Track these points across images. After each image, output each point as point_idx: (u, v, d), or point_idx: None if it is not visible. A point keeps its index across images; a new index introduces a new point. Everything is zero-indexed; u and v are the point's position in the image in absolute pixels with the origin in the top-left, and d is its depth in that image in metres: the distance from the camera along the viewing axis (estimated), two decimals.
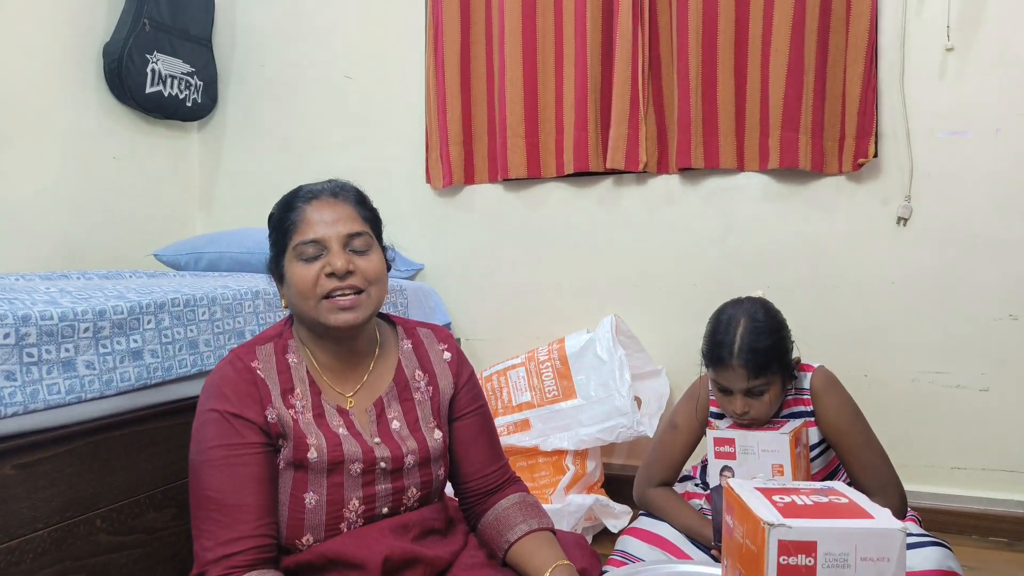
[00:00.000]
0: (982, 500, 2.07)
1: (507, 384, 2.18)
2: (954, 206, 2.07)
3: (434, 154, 2.55)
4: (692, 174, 2.32)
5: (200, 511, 1.06)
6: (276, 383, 1.12)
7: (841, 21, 2.11)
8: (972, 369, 2.07)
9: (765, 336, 1.43)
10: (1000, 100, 2.01)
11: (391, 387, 1.21)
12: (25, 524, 1.15)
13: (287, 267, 1.13)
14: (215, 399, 1.09)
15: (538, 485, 2.02)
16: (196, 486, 1.08)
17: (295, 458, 1.10)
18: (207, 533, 1.04)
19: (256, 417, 1.08)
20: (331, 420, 1.14)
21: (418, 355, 1.25)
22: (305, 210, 1.13)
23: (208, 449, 1.07)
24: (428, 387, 1.23)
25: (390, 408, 1.19)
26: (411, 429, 1.19)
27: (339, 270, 1.09)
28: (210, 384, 1.12)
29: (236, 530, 1.03)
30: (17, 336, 1.15)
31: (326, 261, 1.10)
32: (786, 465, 1.37)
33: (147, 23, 2.55)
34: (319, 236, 1.10)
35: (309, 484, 1.10)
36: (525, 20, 2.37)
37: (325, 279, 1.09)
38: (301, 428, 1.11)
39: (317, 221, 1.11)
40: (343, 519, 1.12)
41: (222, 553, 1.02)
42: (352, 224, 1.13)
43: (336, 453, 1.11)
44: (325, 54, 2.77)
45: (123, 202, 2.65)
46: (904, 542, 0.81)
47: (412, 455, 1.16)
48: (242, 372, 1.11)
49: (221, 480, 1.05)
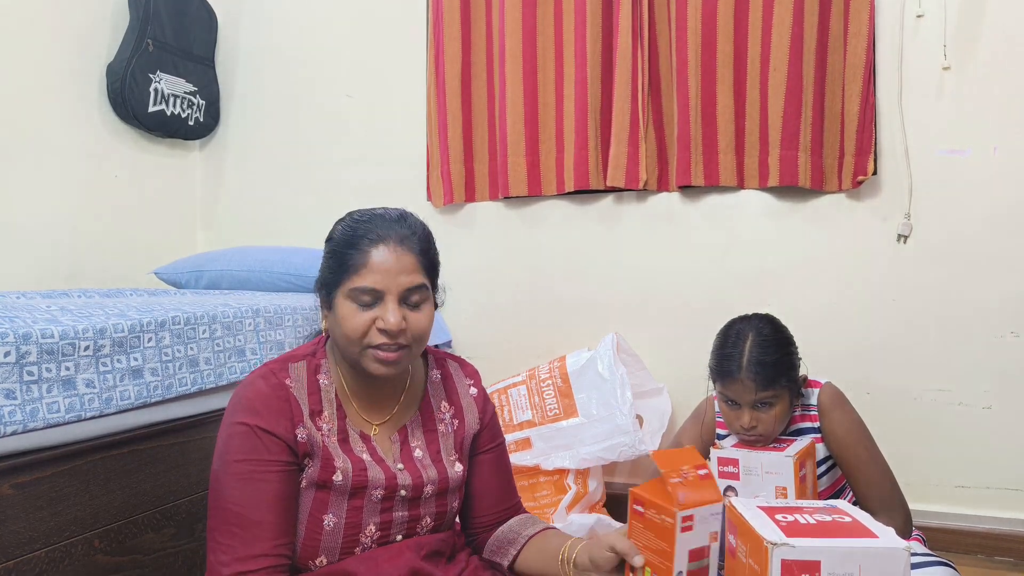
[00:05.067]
0: (987, 519, 2.05)
1: (508, 402, 2.17)
2: (954, 223, 2.07)
3: (435, 172, 2.56)
4: (692, 192, 2.32)
5: (219, 523, 1.05)
6: (306, 403, 1.11)
7: (839, 40, 2.13)
8: (974, 387, 2.06)
9: (773, 350, 1.43)
10: (998, 118, 2.02)
11: (416, 416, 1.21)
12: (23, 544, 1.14)
13: (338, 302, 1.10)
14: (245, 412, 1.08)
15: (539, 504, 2.01)
16: (217, 498, 1.07)
17: (320, 479, 1.09)
18: (225, 547, 1.03)
19: (286, 434, 1.07)
20: (354, 445, 1.14)
21: (446, 387, 1.26)
22: (369, 254, 1.08)
23: (233, 462, 1.06)
24: (453, 420, 1.23)
25: (414, 437, 1.19)
26: (432, 459, 1.19)
27: (391, 328, 1.06)
28: (241, 396, 1.10)
29: (254, 547, 1.03)
30: (17, 354, 1.14)
31: (379, 314, 1.07)
32: (790, 488, 1.36)
33: (150, 43, 2.57)
34: (378, 287, 1.07)
35: (330, 506, 1.10)
36: (525, 39, 2.40)
37: (376, 332, 1.07)
38: (329, 450, 1.10)
39: (378, 269, 1.07)
40: (358, 543, 1.12)
41: (239, 569, 1.02)
42: (412, 277, 1.09)
43: (361, 478, 1.10)
44: (327, 74, 2.79)
45: (125, 220, 2.66)
46: (908, 562, 0.81)
47: (432, 485, 1.17)
48: (276, 388, 1.10)
49: (243, 495, 1.04)
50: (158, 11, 2.58)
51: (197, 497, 1.48)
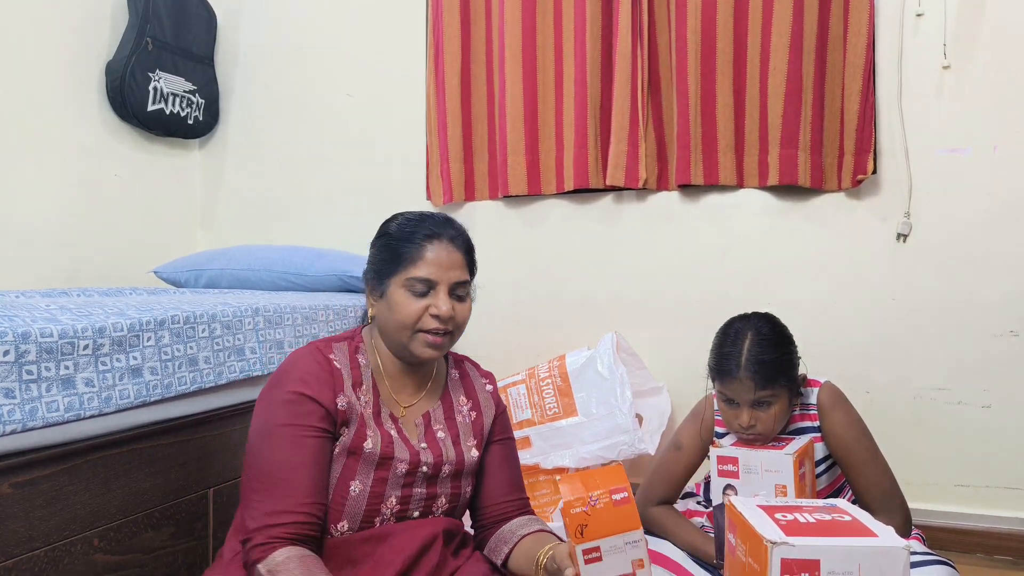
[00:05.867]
0: (986, 518, 2.05)
1: (507, 401, 2.17)
2: (953, 223, 2.07)
3: (435, 171, 2.56)
4: (692, 191, 2.32)
5: (254, 485, 1.12)
6: (349, 375, 1.21)
7: (839, 40, 2.13)
8: (973, 386, 2.06)
9: (772, 348, 1.43)
10: (998, 117, 2.02)
11: (439, 405, 1.31)
12: (22, 543, 1.14)
13: (392, 291, 1.21)
14: (293, 382, 1.16)
15: (539, 503, 2.01)
16: (253, 462, 1.14)
17: (352, 445, 1.17)
18: (256, 504, 1.09)
19: (328, 402, 1.15)
20: (384, 421, 1.23)
21: (464, 384, 1.36)
22: (425, 248, 1.21)
23: (277, 427, 1.13)
24: (471, 412, 1.33)
25: (436, 421, 1.28)
26: (453, 442, 1.28)
27: (444, 314, 1.18)
28: (287, 370, 1.19)
29: (283, 503, 1.08)
30: (17, 353, 1.14)
31: (432, 302, 1.19)
32: (789, 486, 1.36)
33: (149, 42, 2.57)
34: (433, 277, 1.19)
35: (357, 473, 1.16)
36: (525, 38, 2.39)
37: (428, 317, 1.19)
38: (364, 419, 1.19)
39: (433, 262, 1.20)
40: (379, 513, 1.18)
41: (266, 523, 1.07)
42: (461, 273, 1.23)
43: (388, 449, 1.19)
44: (326, 73, 2.79)
45: (124, 219, 2.66)
46: (908, 561, 0.81)
47: (450, 465, 1.24)
48: (321, 362, 1.19)
49: (280, 456, 1.11)
50: (157, 10, 2.58)
51: (197, 496, 1.48)
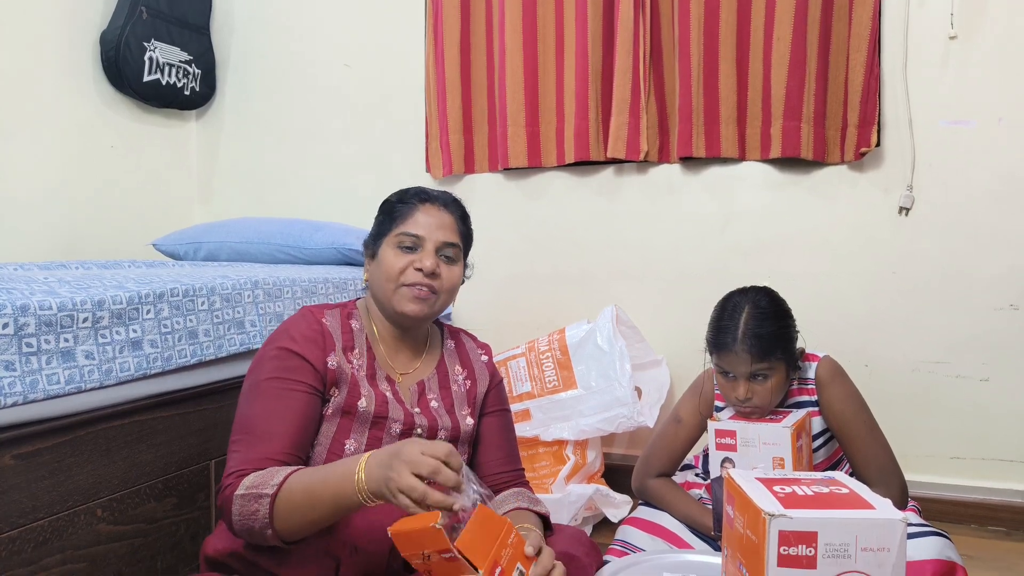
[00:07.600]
0: (981, 490, 2.07)
1: (507, 374, 2.18)
2: (956, 196, 2.06)
3: (434, 143, 2.54)
4: (693, 163, 2.30)
5: (238, 436, 1.13)
6: (340, 338, 1.23)
7: (844, 9, 2.09)
8: (973, 359, 2.07)
9: (769, 322, 1.43)
10: (1003, 89, 2.00)
11: (433, 374, 1.32)
12: (25, 514, 1.15)
13: (383, 248, 1.25)
14: (282, 339, 1.19)
15: (538, 475, 2.02)
16: (239, 415, 1.15)
17: (346, 405, 1.18)
18: (237, 453, 1.11)
19: (316, 361, 1.17)
20: (380, 383, 1.24)
21: (459, 354, 1.38)
22: (416, 207, 1.25)
23: (263, 380, 1.15)
24: (466, 381, 1.35)
25: (430, 391, 1.30)
26: (447, 410, 1.29)
27: (427, 268, 1.21)
28: (278, 331, 1.22)
29: (261, 450, 1.09)
30: (16, 326, 1.14)
31: (418, 257, 1.22)
32: (787, 458, 1.37)
33: (144, 11, 2.53)
34: (420, 233, 1.23)
35: (352, 432, 1.18)
36: (525, 8, 2.36)
37: (412, 271, 1.22)
38: (357, 380, 1.21)
39: (423, 220, 1.24)
40: None
41: (242, 467, 1.08)
42: (450, 234, 1.25)
43: (383, 409, 1.20)
44: (324, 43, 2.75)
45: (121, 191, 2.64)
46: (905, 532, 0.81)
47: (444, 431, 1.26)
48: (312, 323, 1.22)
49: (265, 409, 1.13)
50: None
51: (198, 467, 1.49)
